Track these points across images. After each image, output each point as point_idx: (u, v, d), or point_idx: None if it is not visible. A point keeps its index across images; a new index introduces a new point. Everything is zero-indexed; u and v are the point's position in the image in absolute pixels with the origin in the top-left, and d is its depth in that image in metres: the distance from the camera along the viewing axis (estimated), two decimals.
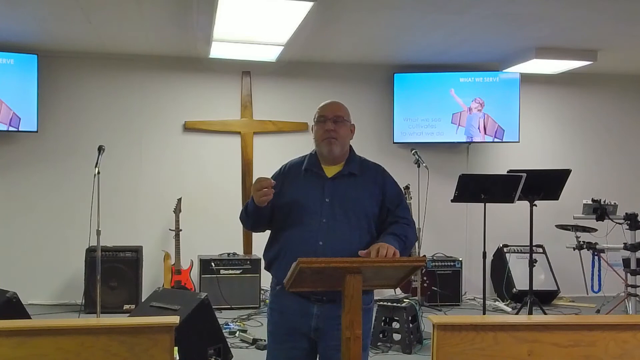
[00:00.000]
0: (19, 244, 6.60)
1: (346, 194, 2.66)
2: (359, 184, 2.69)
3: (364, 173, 2.72)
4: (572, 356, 2.47)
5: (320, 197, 2.65)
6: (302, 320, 2.64)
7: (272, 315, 2.76)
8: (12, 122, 6.35)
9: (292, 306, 2.65)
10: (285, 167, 2.80)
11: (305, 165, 2.74)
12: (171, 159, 6.94)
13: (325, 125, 2.67)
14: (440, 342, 2.44)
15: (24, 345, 2.32)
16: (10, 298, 4.45)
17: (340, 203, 2.63)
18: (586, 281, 6.11)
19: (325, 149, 2.68)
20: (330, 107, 2.74)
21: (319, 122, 2.71)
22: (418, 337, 5.11)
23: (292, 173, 2.75)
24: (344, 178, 2.69)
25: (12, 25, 5.71)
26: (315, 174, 2.71)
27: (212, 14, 4.87)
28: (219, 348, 4.36)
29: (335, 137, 2.66)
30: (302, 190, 2.68)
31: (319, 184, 2.68)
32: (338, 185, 2.67)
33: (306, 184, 2.70)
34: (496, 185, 5.43)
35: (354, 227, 2.63)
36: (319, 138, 2.70)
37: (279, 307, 2.71)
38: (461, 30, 5.75)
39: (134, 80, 6.87)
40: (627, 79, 7.75)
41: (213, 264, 6.46)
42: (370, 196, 2.69)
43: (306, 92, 7.09)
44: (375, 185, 2.71)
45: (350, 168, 2.71)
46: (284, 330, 2.69)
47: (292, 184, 2.71)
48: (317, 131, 2.72)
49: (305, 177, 2.71)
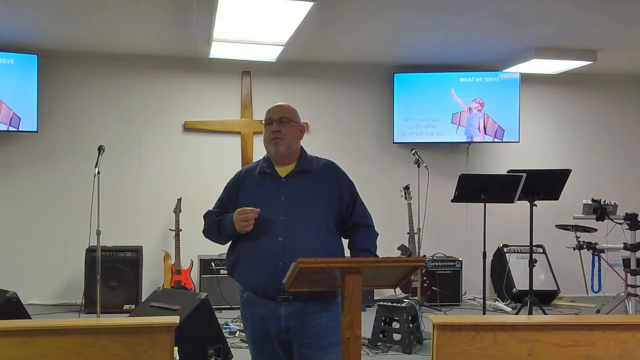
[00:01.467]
0: (19, 244, 6.60)
1: (302, 190, 2.70)
2: (313, 181, 2.74)
3: (316, 169, 2.77)
4: (572, 356, 2.47)
5: (276, 196, 2.69)
6: (273, 323, 2.64)
7: (246, 323, 2.77)
8: (12, 122, 6.35)
9: (261, 311, 2.66)
10: (240, 174, 2.85)
11: (258, 168, 2.79)
12: (171, 159, 6.94)
13: (271, 127, 2.73)
14: (440, 342, 2.44)
15: (24, 345, 2.32)
16: (10, 298, 4.45)
17: (296, 199, 2.68)
18: (586, 281, 6.11)
19: (272, 149, 2.73)
20: (276, 109, 2.78)
21: (266, 124, 2.76)
22: (418, 337, 5.11)
23: (247, 178, 2.81)
24: (298, 176, 2.74)
25: (12, 25, 5.71)
26: (269, 175, 2.75)
27: (212, 14, 4.87)
28: (219, 348, 4.36)
29: (281, 137, 2.71)
30: (258, 192, 2.73)
31: (274, 184, 2.73)
32: (293, 183, 2.72)
33: (261, 185, 2.75)
34: (496, 185, 5.42)
35: (312, 220, 2.66)
36: (266, 140, 2.76)
37: (250, 314, 2.72)
38: (461, 30, 5.75)
39: (134, 80, 6.87)
40: (627, 79, 7.75)
41: (213, 264, 6.46)
42: (326, 191, 2.73)
43: (306, 92, 7.09)
44: (329, 180, 2.76)
45: (302, 165, 2.76)
46: (260, 336, 2.70)
47: (247, 188, 2.77)
48: (264, 133, 2.78)
49: (259, 179, 2.76)
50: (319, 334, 2.61)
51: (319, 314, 2.62)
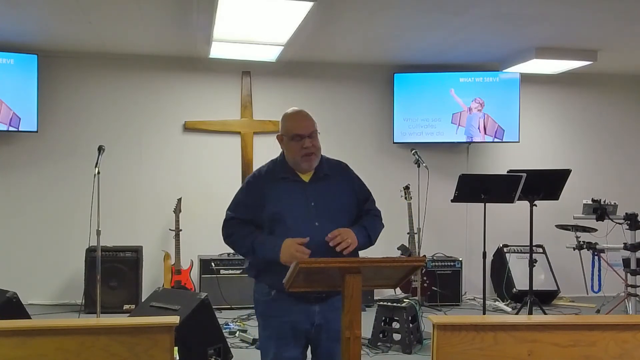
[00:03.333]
0: (19, 244, 6.60)
1: (327, 194, 2.77)
2: (334, 184, 2.81)
3: (334, 172, 2.85)
4: (572, 356, 2.47)
5: (305, 201, 2.73)
6: (305, 321, 2.69)
7: (270, 319, 2.76)
8: (12, 122, 6.35)
9: (293, 308, 2.68)
10: (261, 177, 2.82)
11: (280, 173, 2.79)
12: (171, 159, 6.94)
13: (303, 143, 2.72)
14: (440, 342, 2.45)
15: (24, 345, 2.32)
16: (10, 298, 4.45)
17: (325, 204, 2.74)
18: (586, 281, 6.11)
19: (306, 165, 2.76)
20: (304, 124, 2.78)
21: (294, 140, 2.74)
22: (418, 337, 5.11)
23: (269, 182, 2.79)
24: (320, 180, 2.80)
25: (12, 25, 5.71)
26: (293, 181, 2.78)
27: (212, 14, 4.87)
28: (219, 348, 4.36)
29: (315, 152, 2.75)
30: (287, 198, 2.74)
31: (301, 190, 2.76)
32: (318, 188, 2.78)
33: (288, 191, 2.76)
34: (496, 185, 5.42)
35: (342, 225, 2.71)
36: (296, 154, 2.74)
37: (277, 312, 2.72)
38: (461, 30, 5.75)
39: (133, 80, 6.87)
40: (627, 79, 7.75)
41: (213, 264, 6.46)
42: (347, 193, 2.83)
43: (306, 92, 7.09)
44: (347, 182, 2.86)
45: (323, 170, 2.82)
46: (285, 332, 2.71)
47: (274, 193, 2.75)
48: (293, 147, 2.74)
49: (283, 184, 2.77)
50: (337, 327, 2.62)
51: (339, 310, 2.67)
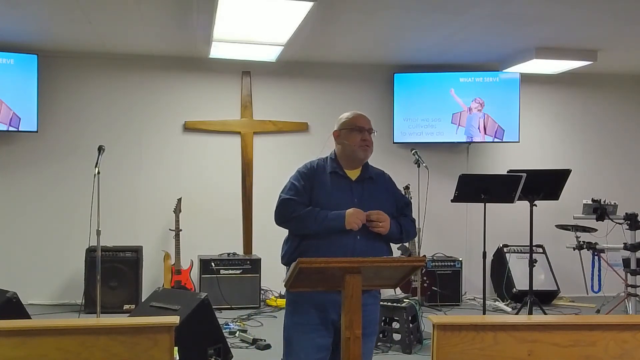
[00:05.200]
0: (19, 244, 6.60)
1: (371, 195, 2.94)
2: (377, 188, 2.99)
3: (378, 178, 3.04)
4: (572, 356, 2.47)
5: (349, 197, 2.89)
6: (334, 309, 2.72)
7: (300, 306, 2.84)
8: (12, 122, 6.35)
9: (323, 297, 2.75)
10: (313, 167, 2.99)
11: (330, 168, 2.96)
12: (171, 159, 6.94)
13: (362, 135, 2.95)
14: (440, 342, 2.44)
15: (24, 345, 2.32)
16: (10, 298, 4.45)
17: (367, 203, 2.87)
18: (586, 281, 6.11)
19: (362, 154, 2.95)
20: (365, 120, 3.01)
21: (355, 130, 2.95)
22: (418, 337, 5.11)
23: (319, 173, 2.97)
24: (365, 181, 2.98)
25: (12, 25, 5.71)
26: (341, 176, 2.95)
27: (212, 14, 4.87)
28: (219, 348, 4.35)
29: (370, 146, 2.98)
30: (333, 190, 2.91)
31: (347, 186, 2.93)
32: (362, 187, 2.95)
33: (335, 185, 2.93)
34: (496, 185, 5.42)
35: None
36: (355, 144, 2.94)
37: (308, 299, 2.79)
38: (461, 30, 5.75)
39: (134, 80, 6.87)
40: (627, 79, 7.75)
41: (213, 264, 6.46)
42: (387, 199, 2.99)
43: (306, 92, 7.10)
44: (387, 189, 3.04)
45: (369, 173, 3.01)
46: (314, 319, 2.79)
47: (321, 183, 2.93)
48: (353, 138, 2.95)
49: (332, 179, 2.94)
50: (364, 323, 2.63)
51: (369, 306, 2.80)
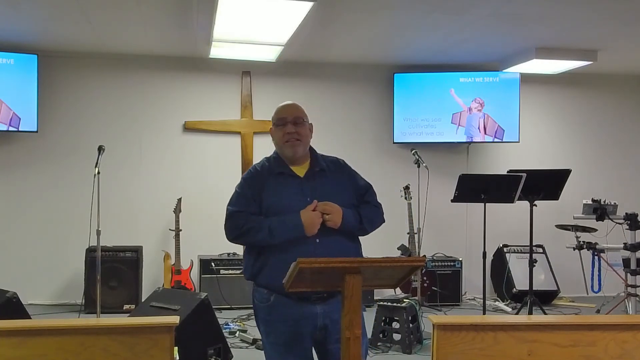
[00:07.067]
0: (19, 244, 6.60)
1: (324, 190, 2.70)
2: (331, 179, 2.76)
3: (330, 168, 2.80)
4: (572, 356, 2.47)
5: (301, 198, 2.67)
6: (308, 324, 2.65)
7: (272, 325, 2.72)
8: (12, 122, 6.35)
9: (294, 312, 2.64)
10: (257, 171, 2.77)
11: (275, 169, 2.74)
12: (171, 159, 6.93)
13: (285, 129, 2.71)
14: (440, 342, 2.44)
15: (24, 345, 2.32)
16: (10, 298, 4.45)
17: (322, 200, 2.66)
18: (586, 281, 6.11)
19: (289, 150, 2.72)
20: (288, 109, 2.76)
21: (278, 125, 2.74)
22: (418, 337, 5.11)
23: (264, 176, 2.74)
24: (316, 175, 2.75)
25: (12, 25, 5.71)
26: (288, 176, 2.73)
27: (212, 14, 4.87)
28: (219, 348, 4.35)
29: (299, 138, 2.71)
30: (283, 194, 2.70)
31: (296, 184, 2.72)
32: (314, 183, 2.72)
33: (283, 185, 2.71)
34: (496, 185, 5.42)
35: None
36: (280, 141, 2.73)
37: (280, 317, 2.68)
38: (461, 30, 5.75)
39: (134, 80, 6.86)
40: (627, 79, 7.75)
41: (213, 264, 6.46)
42: (345, 189, 2.77)
43: (306, 92, 7.09)
44: (344, 178, 2.80)
45: (319, 164, 2.77)
46: (289, 337, 2.66)
47: (269, 187, 2.71)
48: (277, 134, 2.74)
49: (278, 180, 2.72)
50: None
51: None
